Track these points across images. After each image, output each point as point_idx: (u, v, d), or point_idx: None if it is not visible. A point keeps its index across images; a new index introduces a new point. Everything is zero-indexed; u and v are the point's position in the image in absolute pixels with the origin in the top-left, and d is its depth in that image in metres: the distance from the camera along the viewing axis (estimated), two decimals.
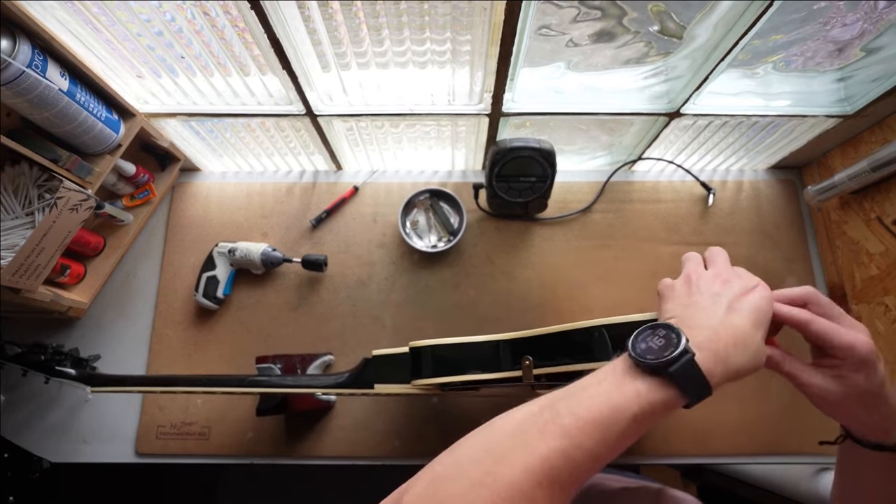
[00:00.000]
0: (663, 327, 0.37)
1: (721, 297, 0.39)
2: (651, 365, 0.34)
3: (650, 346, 0.35)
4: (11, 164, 0.66)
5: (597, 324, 0.50)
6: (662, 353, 0.34)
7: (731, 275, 0.42)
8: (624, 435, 0.33)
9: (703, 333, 0.36)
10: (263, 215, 0.85)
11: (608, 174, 0.86)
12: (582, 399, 0.34)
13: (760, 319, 0.38)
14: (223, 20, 0.56)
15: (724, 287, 0.40)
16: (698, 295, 0.41)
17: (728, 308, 0.38)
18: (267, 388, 0.63)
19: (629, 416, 0.33)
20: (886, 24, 0.57)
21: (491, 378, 0.55)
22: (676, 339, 0.35)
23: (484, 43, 0.58)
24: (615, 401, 0.33)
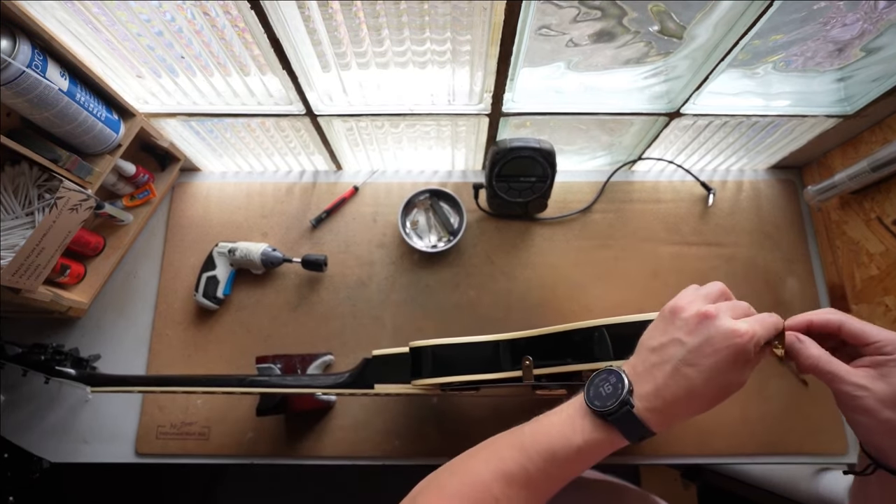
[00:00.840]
0: (615, 375, 0.41)
1: (682, 347, 0.38)
2: (595, 411, 0.40)
3: (600, 391, 0.40)
4: (11, 164, 0.66)
5: (597, 324, 0.50)
6: (606, 401, 0.39)
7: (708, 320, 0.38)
8: (570, 460, 0.39)
9: (648, 386, 0.39)
10: (263, 215, 0.85)
11: (608, 174, 0.86)
12: (543, 425, 0.42)
13: (719, 371, 0.37)
14: (223, 20, 0.56)
15: (692, 334, 0.38)
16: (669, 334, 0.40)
17: (680, 363, 0.38)
18: (267, 388, 0.63)
19: (574, 448, 0.39)
20: (886, 24, 0.56)
21: (491, 378, 0.55)
22: (621, 390, 0.39)
23: (484, 43, 0.58)
24: (565, 433, 0.40)
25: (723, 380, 0.37)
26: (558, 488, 0.41)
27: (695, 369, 0.37)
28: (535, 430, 0.42)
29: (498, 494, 0.40)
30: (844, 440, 0.74)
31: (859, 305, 0.75)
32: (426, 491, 0.42)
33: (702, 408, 0.38)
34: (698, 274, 0.81)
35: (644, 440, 0.39)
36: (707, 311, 0.39)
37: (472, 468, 0.42)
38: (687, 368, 0.38)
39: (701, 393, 0.38)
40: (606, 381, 0.40)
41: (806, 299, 0.80)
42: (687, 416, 0.39)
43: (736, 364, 0.37)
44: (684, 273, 0.81)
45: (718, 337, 0.37)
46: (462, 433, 0.74)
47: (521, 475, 0.40)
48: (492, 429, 0.74)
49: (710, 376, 0.37)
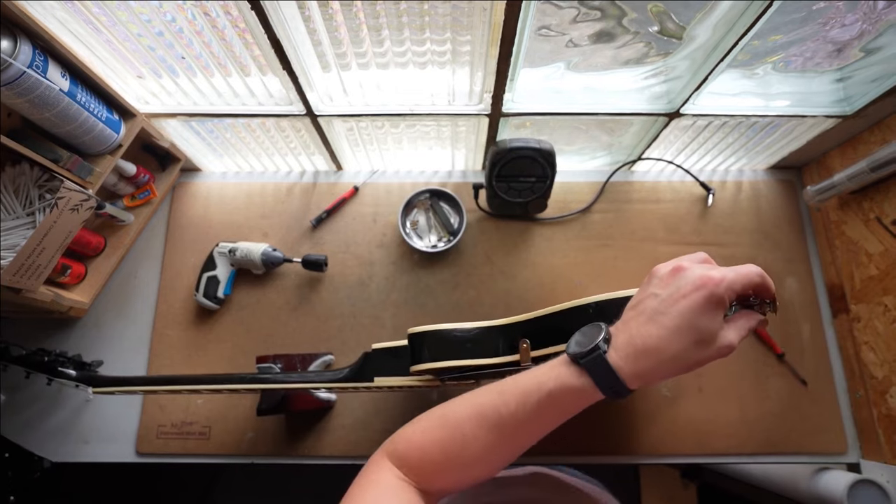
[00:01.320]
0: (596, 327, 0.42)
1: (655, 299, 0.39)
2: (570, 354, 0.41)
3: (579, 339, 0.42)
4: (12, 165, 0.67)
5: (590, 301, 0.50)
6: (581, 347, 0.40)
7: (680, 271, 0.39)
8: (541, 404, 0.40)
9: (623, 337, 0.40)
10: (263, 215, 0.85)
11: (608, 174, 0.86)
12: (525, 374, 0.43)
13: (689, 315, 0.37)
14: (224, 20, 0.56)
15: (665, 286, 0.40)
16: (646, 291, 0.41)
17: (653, 312, 0.39)
18: (268, 384, 0.63)
19: (546, 391, 0.40)
20: (885, 25, 0.57)
21: (489, 363, 0.55)
22: (597, 336, 0.40)
23: (484, 43, 0.58)
24: (540, 377, 0.41)
25: (693, 326, 0.37)
26: (528, 439, 0.42)
27: (665, 316, 0.38)
28: (515, 378, 0.43)
29: (467, 433, 0.42)
30: (844, 440, 0.74)
31: (858, 305, 0.75)
32: (410, 424, 0.46)
33: (674, 360, 0.38)
34: None
35: (620, 396, 0.39)
36: (680, 264, 0.40)
37: (452, 407, 0.45)
38: (658, 316, 0.38)
39: (672, 341, 0.37)
40: (586, 333, 0.42)
41: (805, 299, 0.80)
42: (660, 370, 0.38)
43: (706, 308, 0.37)
44: None
45: (687, 283, 0.38)
46: None
47: (493, 416, 0.41)
48: None
49: (680, 322, 0.37)
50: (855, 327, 0.75)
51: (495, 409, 0.42)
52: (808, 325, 0.79)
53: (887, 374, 0.70)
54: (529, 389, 0.41)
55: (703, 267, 0.40)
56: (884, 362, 0.71)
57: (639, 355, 0.38)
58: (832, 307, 0.80)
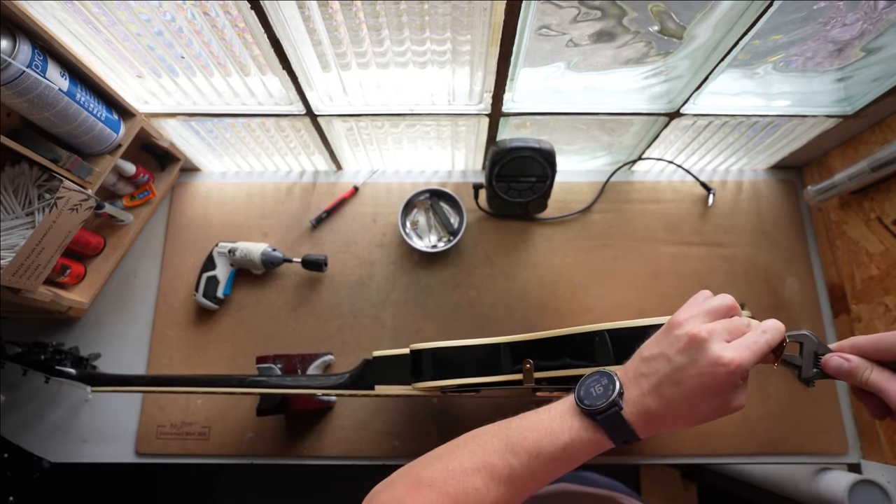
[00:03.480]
0: (607, 377, 0.41)
1: (667, 363, 0.38)
2: (584, 409, 0.40)
3: (590, 391, 0.40)
4: (11, 164, 0.66)
5: (598, 328, 0.50)
6: (596, 401, 0.39)
7: (697, 344, 0.38)
8: (554, 458, 0.39)
9: (636, 392, 0.39)
10: (263, 215, 0.85)
11: (608, 174, 0.86)
12: (532, 421, 0.42)
13: (700, 395, 0.37)
14: (223, 20, 0.56)
15: (679, 353, 0.38)
16: (661, 347, 0.40)
17: (664, 378, 0.38)
18: (267, 389, 0.63)
19: (560, 446, 0.39)
20: (886, 24, 0.57)
21: (492, 381, 0.55)
22: (611, 391, 0.39)
23: (484, 43, 0.58)
24: (553, 430, 0.40)
25: (705, 403, 0.37)
26: (540, 487, 0.41)
27: (676, 388, 0.38)
28: (522, 426, 0.42)
29: (479, 485, 0.40)
30: (844, 440, 0.74)
31: (859, 305, 0.75)
32: (405, 476, 0.42)
33: (687, 424, 0.38)
34: (698, 274, 0.81)
35: (628, 444, 0.39)
36: (698, 333, 0.38)
37: (456, 457, 0.42)
38: (668, 386, 0.38)
39: (682, 410, 0.38)
40: (598, 382, 0.41)
41: (806, 299, 0.80)
42: (672, 428, 0.39)
43: (717, 391, 0.37)
44: (684, 273, 0.81)
45: (703, 363, 0.37)
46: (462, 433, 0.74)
47: (505, 470, 0.40)
48: None
49: (691, 397, 0.37)
50: (856, 327, 0.75)
51: (506, 464, 0.40)
52: (808, 326, 0.79)
53: None
54: (541, 442, 0.40)
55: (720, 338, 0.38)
56: None
57: (651, 416, 0.38)
58: (833, 307, 0.80)
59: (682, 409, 0.38)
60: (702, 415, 0.38)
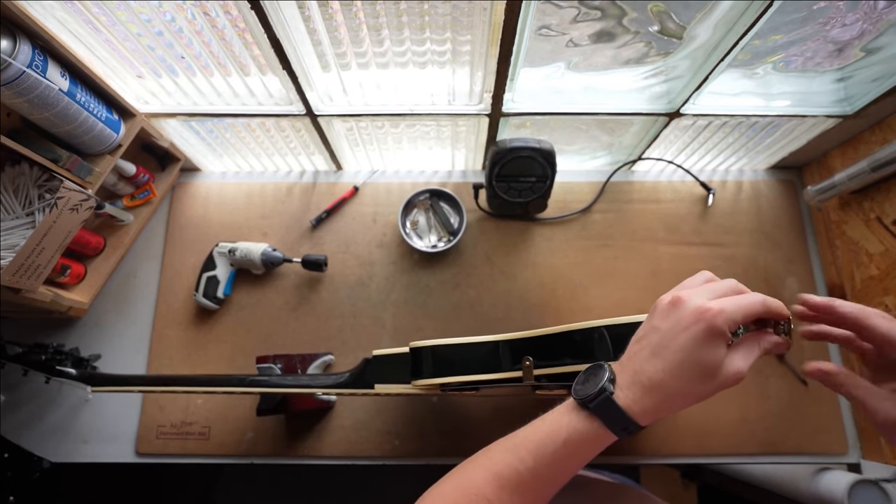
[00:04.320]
0: (601, 368, 0.41)
1: (657, 333, 0.39)
2: (578, 400, 0.40)
3: (583, 382, 0.41)
4: (12, 164, 0.67)
5: (597, 324, 0.50)
6: (589, 391, 0.39)
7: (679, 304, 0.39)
8: (557, 456, 0.39)
9: (628, 374, 0.40)
10: (263, 215, 0.85)
11: (608, 174, 0.86)
12: (534, 425, 0.42)
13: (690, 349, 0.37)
14: (223, 20, 0.56)
15: (665, 319, 0.39)
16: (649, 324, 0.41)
17: (656, 347, 0.38)
18: (267, 388, 0.63)
19: (560, 441, 0.39)
20: (886, 25, 0.57)
21: (491, 379, 0.55)
22: (602, 377, 0.40)
23: (484, 43, 0.58)
24: (552, 427, 0.41)
25: (698, 359, 0.36)
26: (551, 490, 0.41)
27: (667, 350, 0.38)
28: (526, 431, 0.42)
29: (491, 497, 0.40)
30: (844, 440, 0.74)
31: None
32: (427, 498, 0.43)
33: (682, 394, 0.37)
34: None
35: (631, 434, 0.39)
36: (678, 294, 0.40)
37: (468, 473, 0.43)
38: (661, 350, 0.38)
39: (676, 376, 0.37)
40: (593, 375, 0.41)
41: None
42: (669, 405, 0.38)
43: (705, 340, 0.36)
44: (684, 273, 0.80)
45: (686, 316, 0.37)
46: (462, 433, 0.74)
47: (513, 476, 0.40)
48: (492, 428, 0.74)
49: (683, 356, 0.37)
50: None
51: (513, 470, 0.40)
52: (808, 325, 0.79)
53: None
54: (543, 442, 0.40)
55: (701, 296, 0.39)
56: None
57: (645, 392, 0.38)
58: None
59: (676, 373, 0.37)
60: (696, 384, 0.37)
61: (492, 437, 0.72)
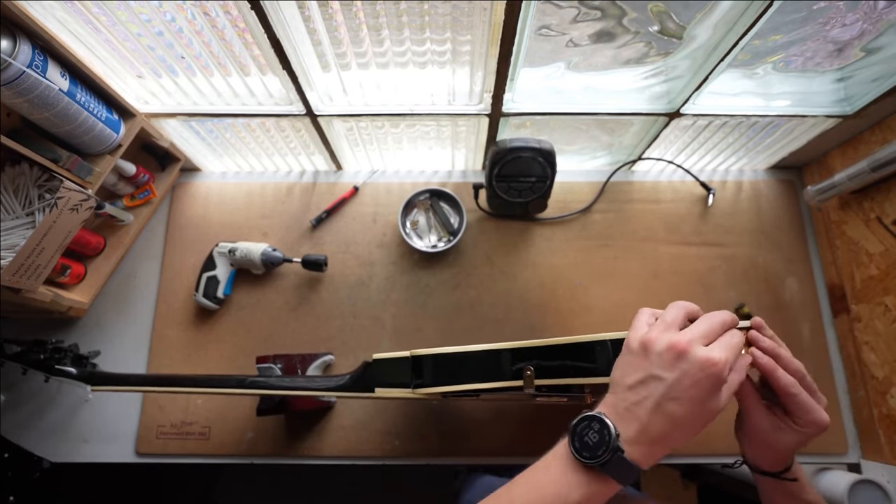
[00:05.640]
0: (597, 422, 0.40)
1: (660, 383, 0.39)
2: (587, 463, 0.39)
3: (586, 441, 0.39)
4: (12, 164, 0.67)
5: (600, 338, 0.50)
6: (596, 451, 0.38)
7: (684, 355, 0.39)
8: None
9: (634, 427, 0.39)
10: (263, 215, 0.85)
11: (608, 174, 0.86)
12: (533, 487, 0.40)
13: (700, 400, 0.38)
14: (223, 20, 0.56)
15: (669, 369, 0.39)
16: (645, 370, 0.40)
17: (662, 399, 0.38)
18: (266, 390, 0.63)
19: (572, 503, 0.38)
20: (886, 25, 0.57)
21: (492, 388, 0.55)
22: (608, 437, 0.38)
23: (484, 43, 0.58)
24: (560, 492, 0.39)
25: (704, 408, 0.38)
26: None
27: (677, 403, 0.38)
28: (525, 494, 0.40)
29: None
30: (844, 440, 0.74)
31: (859, 305, 0.75)
32: None
33: (686, 438, 0.39)
34: (698, 274, 0.81)
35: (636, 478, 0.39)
36: (678, 342, 0.39)
37: None
38: (669, 403, 0.38)
39: (685, 424, 0.38)
40: (590, 429, 0.40)
41: (806, 299, 0.80)
42: (672, 448, 0.39)
43: (714, 392, 0.38)
44: (684, 273, 0.81)
45: (694, 369, 0.38)
46: (462, 434, 0.74)
47: None
48: (491, 430, 0.74)
49: (692, 407, 0.38)
50: (855, 327, 0.75)
51: None
52: (808, 326, 0.79)
53: (888, 374, 0.70)
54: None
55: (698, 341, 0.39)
56: (884, 362, 0.71)
57: (653, 444, 0.39)
58: (833, 307, 0.80)
59: (684, 422, 0.38)
60: (699, 423, 0.39)
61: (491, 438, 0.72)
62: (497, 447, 0.73)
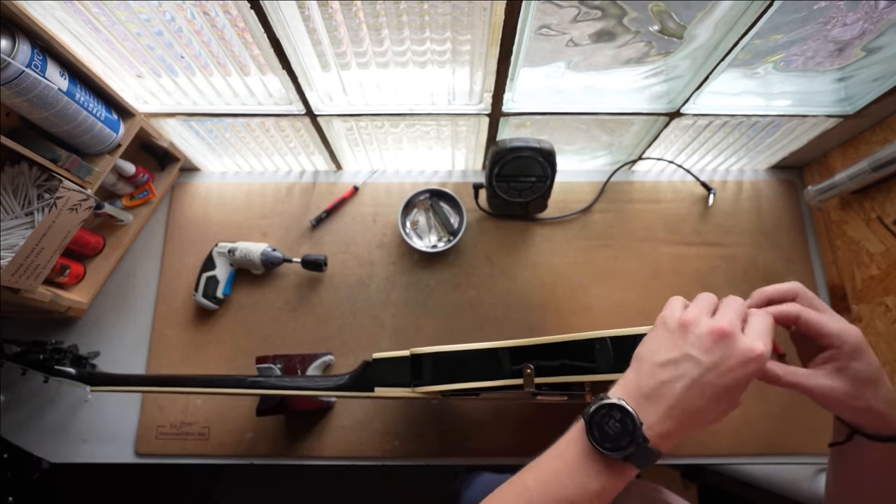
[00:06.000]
0: (619, 410, 0.38)
1: (697, 365, 0.37)
2: (609, 454, 0.37)
3: (606, 431, 0.38)
4: (11, 164, 0.66)
5: (600, 335, 0.50)
6: (619, 442, 0.37)
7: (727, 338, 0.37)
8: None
9: (658, 408, 0.38)
10: (263, 215, 0.85)
11: (608, 174, 0.86)
12: (548, 475, 0.39)
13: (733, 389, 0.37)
14: (223, 20, 0.56)
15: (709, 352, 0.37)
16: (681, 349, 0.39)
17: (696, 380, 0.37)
18: (266, 390, 0.63)
19: (593, 492, 0.37)
20: (887, 24, 0.56)
21: (492, 386, 0.55)
22: (632, 427, 0.37)
23: (484, 43, 0.57)
24: (579, 481, 0.38)
25: (731, 397, 0.37)
26: None
27: (711, 388, 0.37)
28: (540, 483, 0.39)
29: None
30: None
31: (859, 305, 0.75)
32: None
33: (705, 425, 0.38)
34: (698, 274, 0.81)
35: None
36: (722, 327, 0.38)
37: None
38: (703, 386, 0.37)
39: (709, 410, 0.37)
40: (610, 418, 0.38)
41: None
42: (696, 431, 0.38)
43: (748, 382, 0.37)
44: (684, 273, 0.81)
45: (736, 356, 0.37)
46: (462, 434, 0.74)
47: None
48: (491, 429, 0.74)
49: (722, 394, 0.37)
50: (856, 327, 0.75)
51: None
52: None
53: (888, 374, 0.70)
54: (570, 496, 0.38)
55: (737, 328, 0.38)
56: (885, 363, 0.70)
57: (678, 426, 0.37)
58: (833, 307, 0.79)
59: (710, 408, 0.37)
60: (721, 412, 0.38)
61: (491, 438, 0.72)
62: (497, 447, 0.73)
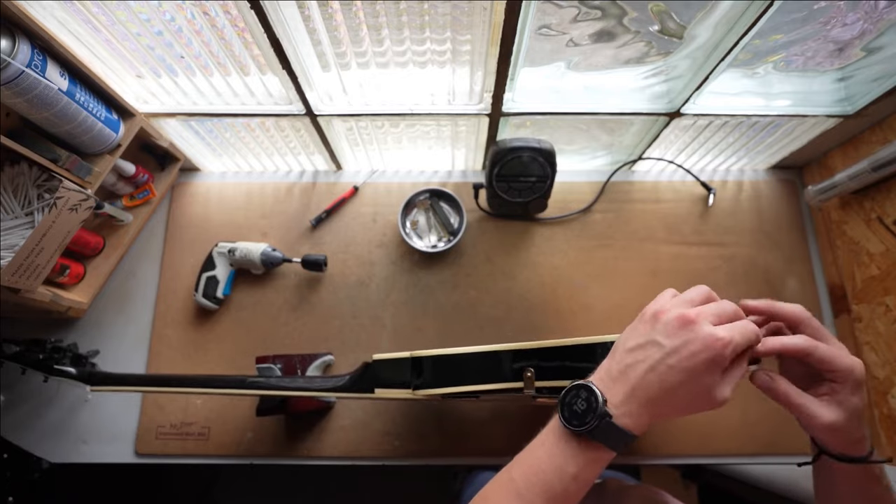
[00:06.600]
0: (585, 389, 0.40)
1: (659, 349, 0.39)
2: (576, 431, 0.39)
3: (574, 410, 0.39)
4: (11, 164, 0.66)
5: (600, 340, 0.50)
6: (584, 418, 0.38)
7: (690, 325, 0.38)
8: (568, 490, 0.38)
9: (623, 389, 0.39)
10: (263, 215, 0.85)
11: (608, 174, 0.86)
12: (531, 463, 0.40)
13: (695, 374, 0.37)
14: (223, 20, 0.56)
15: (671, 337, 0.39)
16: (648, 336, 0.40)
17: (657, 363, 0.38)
18: (266, 391, 0.63)
19: (570, 476, 0.38)
20: (887, 24, 0.56)
21: (492, 389, 0.55)
22: (595, 403, 0.38)
23: (484, 43, 0.57)
24: (556, 464, 0.39)
25: (699, 384, 0.38)
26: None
27: (671, 371, 0.38)
28: (525, 472, 0.41)
29: None
30: None
31: (859, 305, 0.75)
32: None
33: (678, 411, 0.39)
34: (698, 274, 0.81)
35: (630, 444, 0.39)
36: (687, 314, 0.39)
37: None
38: (662, 368, 0.38)
39: (677, 395, 0.38)
40: (577, 398, 0.40)
41: (806, 299, 0.80)
42: (665, 416, 0.39)
43: (710, 369, 0.37)
44: (684, 273, 0.81)
45: (697, 341, 0.38)
46: (462, 434, 0.74)
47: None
48: (491, 430, 0.74)
49: (686, 378, 0.37)
50: (856, 327, 0.75)
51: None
52: None
53: (888, 374, 0.70)
54: (551, 482, 0.39)
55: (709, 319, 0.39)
56: (885, 363, 0.70)
57: (641, 407, 0.38)
58: (833, 307, 0.80)
59: (675, 390, 0.38)
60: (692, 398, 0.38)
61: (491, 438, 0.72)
62: (497, 447, 0.73)
